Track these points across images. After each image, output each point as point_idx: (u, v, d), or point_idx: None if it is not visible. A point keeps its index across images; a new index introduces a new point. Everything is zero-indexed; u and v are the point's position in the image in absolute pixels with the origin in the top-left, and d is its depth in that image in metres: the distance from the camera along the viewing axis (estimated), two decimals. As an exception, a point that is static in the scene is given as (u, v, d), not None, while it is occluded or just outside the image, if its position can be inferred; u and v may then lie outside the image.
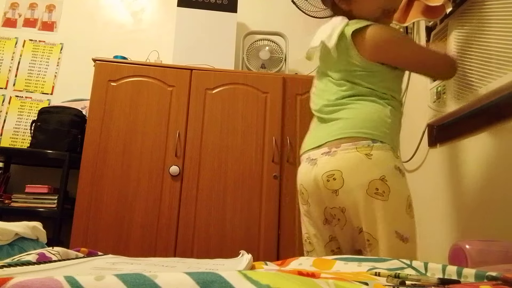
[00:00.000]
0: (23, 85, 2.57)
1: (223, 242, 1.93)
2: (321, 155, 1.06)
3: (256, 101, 2.10)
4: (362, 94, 1.10)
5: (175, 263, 0.58)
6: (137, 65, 2.11)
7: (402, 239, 0.98)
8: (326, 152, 1.05)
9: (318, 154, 1.08)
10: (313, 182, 1.06)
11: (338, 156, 1.03)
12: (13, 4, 2.70)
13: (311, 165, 1.08)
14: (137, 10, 2.76)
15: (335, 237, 1.11)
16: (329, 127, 1.10)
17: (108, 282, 0.29)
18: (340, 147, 1.03)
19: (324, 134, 1.10)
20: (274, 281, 0.31)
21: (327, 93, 1.16)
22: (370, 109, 1.07)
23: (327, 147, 1.06)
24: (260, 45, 2.46)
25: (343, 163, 1.01)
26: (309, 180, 1.08)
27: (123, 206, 1.92)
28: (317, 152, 1.08)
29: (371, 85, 1.10)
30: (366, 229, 0.99)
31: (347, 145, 1.02)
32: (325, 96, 1.16)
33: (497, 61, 1.22)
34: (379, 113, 1.07)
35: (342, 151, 1.02)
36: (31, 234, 1.17)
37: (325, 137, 1.09)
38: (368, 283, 0.41)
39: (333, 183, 1.02)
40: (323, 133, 1.11)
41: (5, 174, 2.31)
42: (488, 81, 1.25)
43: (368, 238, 0.99)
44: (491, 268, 0.60)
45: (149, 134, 2.02)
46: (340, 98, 1.12)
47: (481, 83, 1.28)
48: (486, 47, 1.29)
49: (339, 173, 1.01)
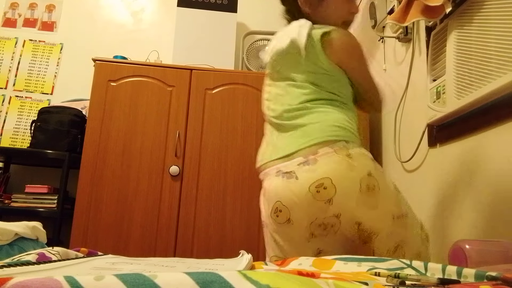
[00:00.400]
0: (23, 85, 2.57)
1: (223, 242, 1.93)
2: (297, 165, 0.99)
3: (256, 101, 2.10)
4: (325, 98, 1.08)
5: (175, 263, 0.58)
6: (137, 65, 2.11)
7: (401, 217, 1.02)
8: (303, 162, 0.99)
9: (293, 166, 1.00)
10: (297, 197, 0.98)
11: (320, 163, 0.98)
12: (13, 4, 2.70)
13: (288, 178, 1.00)
14: (137, 10, 2.77)
15: (322, 249, 1.04)
16: (295, 134, 1.05)
17: (108, 282, 0.29)
18: (318, 153, 0.99)
19: (289, 142, 1.05)
20: (274, 281, 0.31)
21: (287, 97, 1.11)
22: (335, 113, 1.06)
23: (302, 156, 1.00)
24: (260, 45, 2.46)
25: (329, 169, 0.97)
26: (291, 195, 0.99)
27: (123, 206, 1.92)
28: (289, 163, 1.01)
29: (334, 89, 1.09)
30: (367, 222, 1.00)
31: (325, 150, 0.99)
32: (285, 101, 1.11)
33: (497, 61, 1.22)
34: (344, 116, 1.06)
35: (322, 158, 0.98)
36: (31, 234, 1.17)
37: (292, 145, 1.03)
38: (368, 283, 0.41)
39: (324, 193, 0.97)
40: (288, 142, 1.05)
41: (5, 174, 2.31)
42: (488, 81, 1.25)
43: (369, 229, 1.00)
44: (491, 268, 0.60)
45: (149, 134, 2.02)
46: (303, 101, 1.08)
47: (481, 83, 1.28)
48: (486, 47, 1.29)
49: (328, 180, 0.97)
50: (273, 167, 1.06)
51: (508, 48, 1.19)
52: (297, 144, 1.02)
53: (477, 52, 1.32)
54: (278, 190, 1.02)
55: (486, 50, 1.28)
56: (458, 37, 1.42)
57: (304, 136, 1.03)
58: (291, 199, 0.99)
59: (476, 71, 1.32)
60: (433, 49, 1.58)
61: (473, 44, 1.35)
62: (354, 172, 0.98)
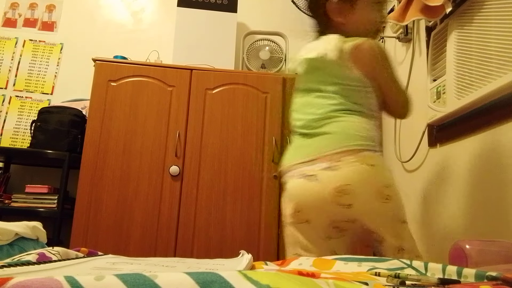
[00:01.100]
0: (23, 85, 2.57)
1: (223, 242, 1.93)
2: (320, 170, 1.04)
3: (256, 101, 2.10)
4: (350, 109, 1.11)
5: (175, 263, 0.58)
6: (137, 65, 2.11)
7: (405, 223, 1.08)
8: (326, 167, 1.03)
9: (316, 170, 1.04)
10: (318, 198, 1.04)
11: (343, 170, 1.02)
12: (13, 4, 2.70)
13: (310, 181, 1.05)
14: (137, 10, 2.76)
15: (335, 251, 1.09)
16: (320, 141, 1.08)
17: (108, 282, 0.29)
18: (341, 161, 1.03)
19: (314, 148, 1.08)
20: (274, 281, 0.31)
21: (313, 107, 1.15)
22: (359, 123, 1.09)
23: (326, 162, 1.04)
24: (260, 45, 2.46)
25: (351, 176, 1.02)
26: (311, 196, 1.05)
27: (123, 206, 1.92)
28: (313, 167, 1.05)
29: (360, 100, 1.12)
30: (379, 231, 1.04)
31: (349, 158, 1.03)
32: (310, 111, 1.15)
33: (497, 61, 1.22)
34: (368, 126, 1.10)
35: (345, 165, 1.02)
36: (31, 234, 1.17)
37: (316, 151, 1.07)
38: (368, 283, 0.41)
39: (345, 198, 1.01)
40: (312, 147, 1.09)
41: (5, 174, 2.31)
42: (488, 81, 1.25)
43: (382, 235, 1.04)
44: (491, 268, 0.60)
45: (149, 134, 2.02)
46: (329, 111, 1.11)
47: (481, 83, 1.28)
48: (486, 47, 1.28)
49: (350, 187, 1.01)
50: (297, 169, 1.10)
51: (508, 48, 1.19)
52: (321, 150, 1.06)
53: (477, 52, 1.32)
54: (299, 191, 1.08)
55: (486, 50, 1.28)
56: (458, 37, 1.42)
57: (329, 143, 1.07)
58: (311, 200, 1.05)
59: (476, 71, 1.32)
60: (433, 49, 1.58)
61: (473, 44, 1.35)
62: (374, 182, 1.03)
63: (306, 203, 1.06)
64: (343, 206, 1.02)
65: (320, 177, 1.03)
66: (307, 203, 1.06)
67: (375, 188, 1.03)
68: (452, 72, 1.42)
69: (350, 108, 1.11)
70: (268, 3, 2.82)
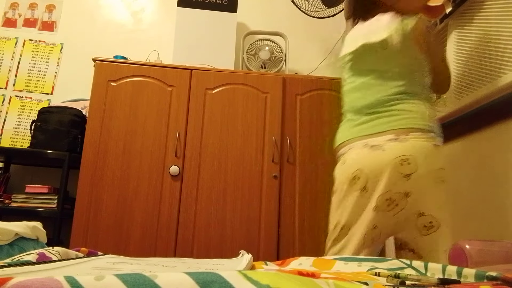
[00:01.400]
0: (23, 85, 2.57)
1: (223, 242, 1.93)
2: (387, 141, 1.09)
3: (256, 101, 2.10)
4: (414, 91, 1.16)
5: (175, 263, 0.58)
6: (137, 65, 2.11)
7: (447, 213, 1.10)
8: (393, 139, 1.08)
9: (382, 140, 1.09)
10: (381, 165, 1.07)
11: (410, 143, 1.07)
12: (13, 4, 2.70)
13: (374, 150, 1.09)
14: (137, 10, 2.76)
15: (377, 225, 1.12)
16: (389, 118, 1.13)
17: (108, 282, 0.29)
18: (409, 135, 1.08)
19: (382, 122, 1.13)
20: (274, 281, 0.31)
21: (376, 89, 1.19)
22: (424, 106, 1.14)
23: (394, 134, 1.09)
24: (260, 45, 2.46)
25: (417, 150, 1.06)
26: (374, 163, 1.08)
27: (123, 206, 1.92)
28: (379, 139, 1.10)
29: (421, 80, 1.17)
30: (431, 212, 1.07)
31: (417, 134, 1.08)
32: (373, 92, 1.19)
33: (497, 61, 1.22)
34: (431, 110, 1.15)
35: (413, 139, 1.07)
36: (31, 234, 1.17)
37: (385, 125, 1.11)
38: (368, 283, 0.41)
39: (407, 167, 1.05)
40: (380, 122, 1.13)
41: (5, 174, 2.31)
42: (488, 81, 1.25)
43: (431, 220, 1.07)
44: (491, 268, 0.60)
45: (149, 134, 2.02)
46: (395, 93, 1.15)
47: (481, 83, 1.28)
48: (486, 47, 1.29)
49: (413, 158, 1.05)
50: (360, 141, 1.14)
51: (508, 48, 1.19)
52: (390, 125, 1.11)
53: (477, 52, 1.32)
54: (361, 159, 1.11)
55: (486, 50, 1.28)
56: (458, 37, 1.42)
57: (398, 120, 1.11)
58: (373, 167, 1.09)
59: (476, 71, 1.32)
60: (433, 49, 1.58)
61: (473, 44, 1.35)
62: (435, 161, 1.08)
63: (367, 170, 1.09)
64: (402, 175, 1.06)
65: (386, 147, 1.08)
66: (368, 170, 1.09)
67: (434, 167, 1.07)
68: (452, 72, 1.42)
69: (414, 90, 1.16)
70: (268, 3, 2.82)
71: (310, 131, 2.09)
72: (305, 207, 2.00)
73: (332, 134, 1.34)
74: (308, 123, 2.10)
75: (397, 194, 1.08)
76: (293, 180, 2.02)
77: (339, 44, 2.67)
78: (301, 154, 2.06)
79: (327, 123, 2.10)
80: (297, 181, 2.03)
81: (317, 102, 2.12)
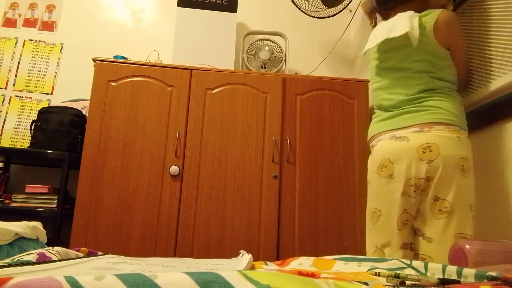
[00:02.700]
0: (23, 85, 2.57)
1: (223, 242, 1.93)
2: (412, 132, 1.17)
3: (256, 101, 2.10)
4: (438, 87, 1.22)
5: (175, 263, 0.58)
6: (137, 65, 2.11)
7: (471, 210, 1.16)
8: (417, 131, 1.17)
9: (407, 133, 1.19)
10: (404, 153, 1.17)
11: (432, 133, 1.15)
12: (13, 4, 2.70)
13: (400, 141, 1.19)
14: (137, 10, 2.76)
15: (407, 209, 1.20)
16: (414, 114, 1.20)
17: (108, 282, 0.29)
18: (433, 128, 1.16)
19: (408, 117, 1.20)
20: (274, 281, 0.31)
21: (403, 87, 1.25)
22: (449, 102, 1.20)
23: (418, 127, 1.17)
24: (260, 45, 2.46)
25: (438, 139, 1.14)
26: (399, 151, 1.18)
27: (123, 206, 1.92)
28: (405, 131, 1.19)
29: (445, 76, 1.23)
30: (447, 197, 1.14)
31: (440, 127, 1.16)
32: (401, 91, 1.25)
33: (497, 61, 1.22)
34: (457, 105, 1.21)
35: (435, 131, 1.16)
36: (31, 234, 1.17)
37: (411, 120, 1.20)
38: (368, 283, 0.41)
39: (429, 154, 1.14)
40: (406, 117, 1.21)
41: (5, 174, 2.31)
42: (488, 81, 1.25)
43: (447, 205, 1.14)
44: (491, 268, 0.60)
45: (149, 134, 2.02)
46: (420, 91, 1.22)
47: (481, 83, 1.28)
48: (486, 47, 1.29)
49: (435, 145, 1.14)
50: (387, 134, 1.24)
51: (508, 48, 1.19)
52: (415, 119, 1.20)
53: (477, 52, 1.32)
54: (388, 149, 1.21)
55: (486, 50, 1.28)
56: (458, 37, 1.42)
57: (422, 115, 1.19)
58: (398, 154, 1.18)
59: (476, 71, 1.32)
60: (433, 49, 1.58)
61: (473, 44, 1.35)
62: (457, 150, 1.15)
63: (393, 158, 1.19)
64: (424, 161, 1.14)
65: (410, 137, 1.17)
66: (394, 158, 1.18)
67: (456, 156, 1.14)
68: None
69: (438, 86, 1.22)
70: (268, 3, 2.82)
71: (310, 131, 2.09)
72: (305, 207, 2.00)
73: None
74: (308, 123, 2.10)
75: (421, 180, 1.16)
76: (293, 180, 2.02)
77: (339, 44, 2.68)
78: (301, 154, 2.06)
79: (329, 123, 2.10)
80: (297, 181, 2.03)
81: (317, 102, 2.12)
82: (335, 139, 2.09)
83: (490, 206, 1.28)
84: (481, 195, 1.32)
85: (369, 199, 1.30)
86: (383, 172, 1.22)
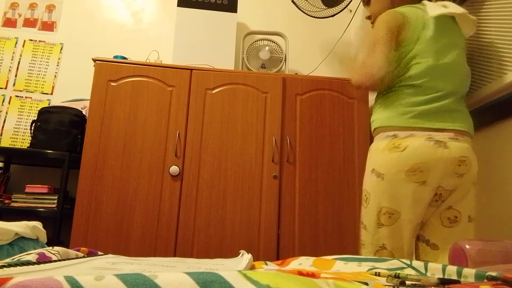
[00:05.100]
0: (23, 85, 2.57)
1: (223, 242, 1.93)
2: (448, 139, 1.15)
3: (256, 101, 2.10)
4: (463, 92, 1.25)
5: (175, 263, 0.58)
6: (137, 65, 2.11)
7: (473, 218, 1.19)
8: (452, 138, 1.15)
9: (445, 137, 1.15)
10: (442, 163, 1.13)
11: (464, 145, 1.16)
12: (13, 4, 2.69)
13: (439, 146, 1.14)
14: (137, 10, 2.76)
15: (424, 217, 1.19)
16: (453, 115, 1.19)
17: (108, 282, 0.29)
18: (463, 138, 1.16)
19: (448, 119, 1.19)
20: (274, 281, 0.31)
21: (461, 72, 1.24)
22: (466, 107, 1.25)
23: (453, 133, 1.16)
24: (260, 45, 2.46)
25: (469, 152, 1.16)
26: (438, 159, 1.13)
27: (123, 206, 1.92)
28: (442, 134, 1.15)
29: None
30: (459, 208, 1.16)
31: (468, 138, 1.18)
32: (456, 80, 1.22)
33: (497, 61, 1.22)
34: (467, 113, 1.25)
35: (465, 142, 1.16)
36: (31, 234, 1.17)
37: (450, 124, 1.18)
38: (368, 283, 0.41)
39: (463, 168, 1.14)
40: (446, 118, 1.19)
41: (5, 174, 2.31)
42: (488, 81, 1.25)
43: (457, 215, 1.16)
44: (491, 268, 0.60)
45: (149, 134, 2.02)
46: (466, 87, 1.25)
47: (481, 83, 1.28)
48: (486, 47, 1.28)
49: (469, 160, 1.14)
50: (424, 132, 1.17)
51: (508, 48, 1.19)
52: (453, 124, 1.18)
53: (477, 52, 1.32)
54: (427, 153, 1.14)
55: (486, 50, 1.28)
56: (458, 37, 1.42)
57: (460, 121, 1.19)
58: (437, 162, 1.13)
59: (477, 70, 1.32)
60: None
61: (473, 44, 1.35)
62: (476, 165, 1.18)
63: (431, 164, 1.13)
64: (457, 175, 1.14)
65: (449, 145, 1.14)
66: (432, 165, 1.13)
67: (476, 169, 1.17)
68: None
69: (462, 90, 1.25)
70: (268, 3, 2.81)
71: (310, 131, 2.09)
72: (305, 207, 2.00)
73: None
74: (308, 123, 2.10)
75: (446, 191, 1.15)
76: (293, 180, 2.02)
77: (339, 44, 2.67)
78: (301, 154, 2.06)
79: (329, 123, 2.10)
80: (297, 181, 2.03)
81: (317, 102, 2.12)
82: (335, 139, 2.09)
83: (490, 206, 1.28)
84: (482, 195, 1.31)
85: (378, 195, 1.19)
86: (416, 177, 1.13)
